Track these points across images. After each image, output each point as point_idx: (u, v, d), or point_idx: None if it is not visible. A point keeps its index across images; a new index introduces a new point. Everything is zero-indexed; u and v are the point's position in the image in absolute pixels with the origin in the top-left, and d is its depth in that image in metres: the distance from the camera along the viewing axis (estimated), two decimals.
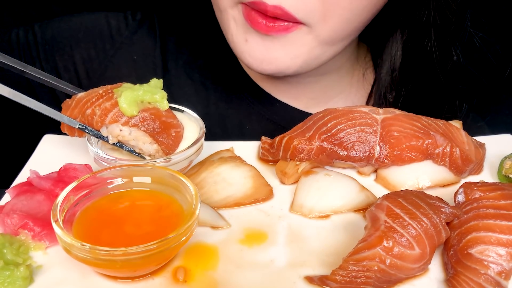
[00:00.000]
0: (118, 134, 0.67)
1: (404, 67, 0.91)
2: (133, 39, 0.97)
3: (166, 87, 0.97)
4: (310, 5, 0.73)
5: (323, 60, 0.82)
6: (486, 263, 0.56)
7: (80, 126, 0.67)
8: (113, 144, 0.68)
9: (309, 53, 0.79)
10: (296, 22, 0.75)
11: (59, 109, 0.68)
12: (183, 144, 0.70)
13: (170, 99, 1.00)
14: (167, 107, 0.69)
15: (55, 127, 0.97)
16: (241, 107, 0.95)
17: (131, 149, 0.68)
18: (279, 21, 0.75)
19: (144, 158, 0.69)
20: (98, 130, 0.67)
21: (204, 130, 0.71)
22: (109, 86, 0.69)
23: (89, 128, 0.67)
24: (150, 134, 0.67)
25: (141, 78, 0.76)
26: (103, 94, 0.67)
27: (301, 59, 0.80)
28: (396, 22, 0.89)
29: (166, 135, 0.68)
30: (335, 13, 0.75)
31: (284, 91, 0.95)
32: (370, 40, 0.98)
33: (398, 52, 0.90)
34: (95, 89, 0.68)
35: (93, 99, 0.66)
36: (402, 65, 0.90)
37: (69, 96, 0.70)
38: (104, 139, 0.67)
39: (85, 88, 0.76)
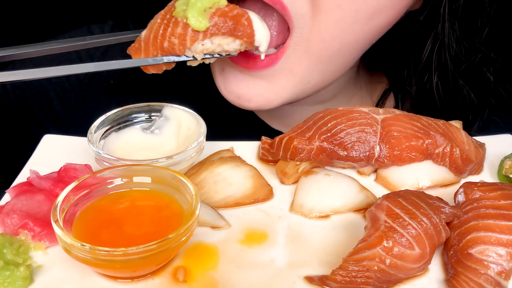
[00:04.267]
0: (202, 49, 0.69)
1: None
2: (106, 58, 0.90)
3: (160, 89, 0.94)
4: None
5: (313, 84, 0.78)
6: (486, 263, 0.56)
7: (167, 60, 0.69)
8: (202, 59, 0.71)
9: (297, 81, 0.75)
10: (288, 19, 0.72)
11: None
12: None
13: (166, 100, 0.97)
14: (225, 2, 0.70)
15: (55, 127, 0.97)
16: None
17: (218, 55, 0.71)
18: (259, 60, 0.73)
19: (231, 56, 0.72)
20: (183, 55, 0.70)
21: (206, 131, 0.71)
22: (163, 12, 0.70)
23: (174, 57, 0.69)
24: (229, 34, 0.69)
25: (121, 103, 0.75)
26: (166, 22, 0.69)
27: (288, 90, 0.75)
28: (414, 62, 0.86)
29: (240, 26, 0.69)
30: (324, 14, 0.72)
31: (277, 119, 0.92)
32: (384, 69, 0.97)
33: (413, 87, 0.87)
34: (152, 21, 0.70)
35: (161, 31, 0.68)
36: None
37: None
38: (191, 59, 0.70)
39: (64, 124, 0.72)
